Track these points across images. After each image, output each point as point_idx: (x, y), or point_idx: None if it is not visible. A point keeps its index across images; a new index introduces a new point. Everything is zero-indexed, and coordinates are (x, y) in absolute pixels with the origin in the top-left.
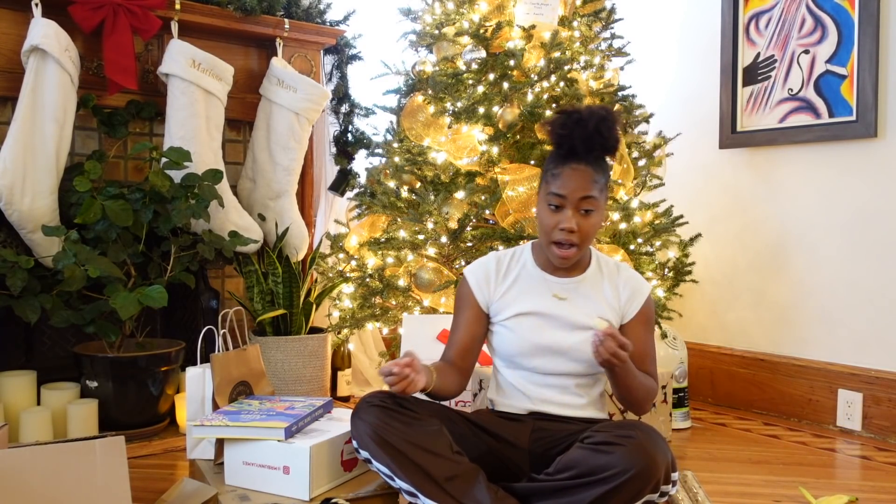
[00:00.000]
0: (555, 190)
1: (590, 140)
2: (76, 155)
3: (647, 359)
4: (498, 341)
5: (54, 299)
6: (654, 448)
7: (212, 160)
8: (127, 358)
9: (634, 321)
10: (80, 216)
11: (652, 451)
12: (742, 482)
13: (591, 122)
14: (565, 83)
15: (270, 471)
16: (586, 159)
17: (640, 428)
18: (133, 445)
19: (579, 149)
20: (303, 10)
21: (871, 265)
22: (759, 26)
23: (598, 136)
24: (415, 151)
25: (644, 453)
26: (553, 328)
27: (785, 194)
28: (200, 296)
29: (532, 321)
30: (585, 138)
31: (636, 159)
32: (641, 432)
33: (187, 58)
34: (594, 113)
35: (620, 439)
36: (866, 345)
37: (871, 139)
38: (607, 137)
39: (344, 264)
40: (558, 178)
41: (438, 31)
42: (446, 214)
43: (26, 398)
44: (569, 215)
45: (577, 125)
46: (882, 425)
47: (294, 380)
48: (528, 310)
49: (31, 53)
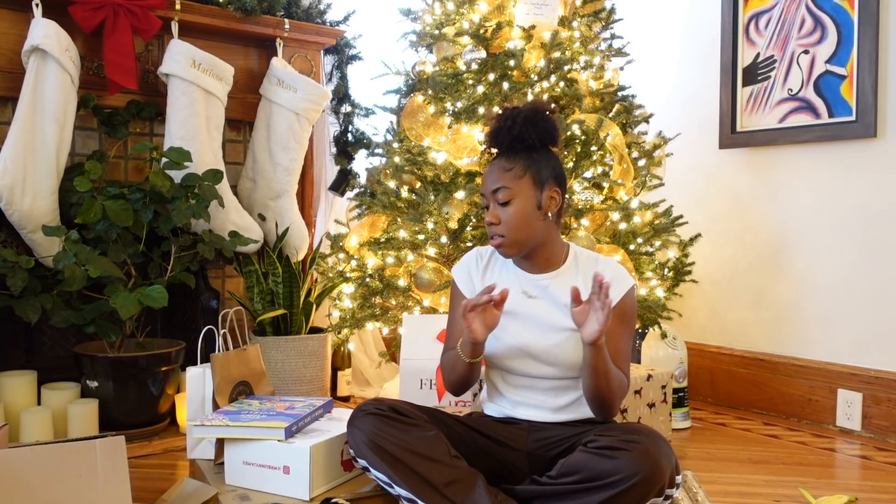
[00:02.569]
0: (480, 191)
1: (503, 137)
2: (76, 155)
3: (619, 356)
4: None
5: (55, 299)
6: (659, 453)
7: (212, 160)
8: (127, 358)
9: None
10: (81, 216)
11: (657, 456)
12: (742, 482)
13: (513, 121)
14: (565, 83)
15: (270, 471)
16: (504, 154)
17: (645, 433)
18: (133, 445)
19: (496, 147)
20: (303, 11)
21: (871, 265)
22: (759, 26)
23: (518, 132)
24: (415, 151)
25: (650, 458)
26: (524, 329)
27: (785, 194)
28: (200, 296)
29: (504, 320)
30: (507, 137)
31: (636, 159)
32: (646, 437)
33: (187, 58)
34: (518, 112)
35: (625, 444)
36: (866, 345)
37: (871, 139)
38: (529, 132)
39: (344, 264)
40: (482, 180)
41: (438, 32)
42: (446, 214)
43: (27, 398)
44: (490, 210)
45: (501, 128)
46: (882, 425)
47: (294, 380)
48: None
49: (31, 53)
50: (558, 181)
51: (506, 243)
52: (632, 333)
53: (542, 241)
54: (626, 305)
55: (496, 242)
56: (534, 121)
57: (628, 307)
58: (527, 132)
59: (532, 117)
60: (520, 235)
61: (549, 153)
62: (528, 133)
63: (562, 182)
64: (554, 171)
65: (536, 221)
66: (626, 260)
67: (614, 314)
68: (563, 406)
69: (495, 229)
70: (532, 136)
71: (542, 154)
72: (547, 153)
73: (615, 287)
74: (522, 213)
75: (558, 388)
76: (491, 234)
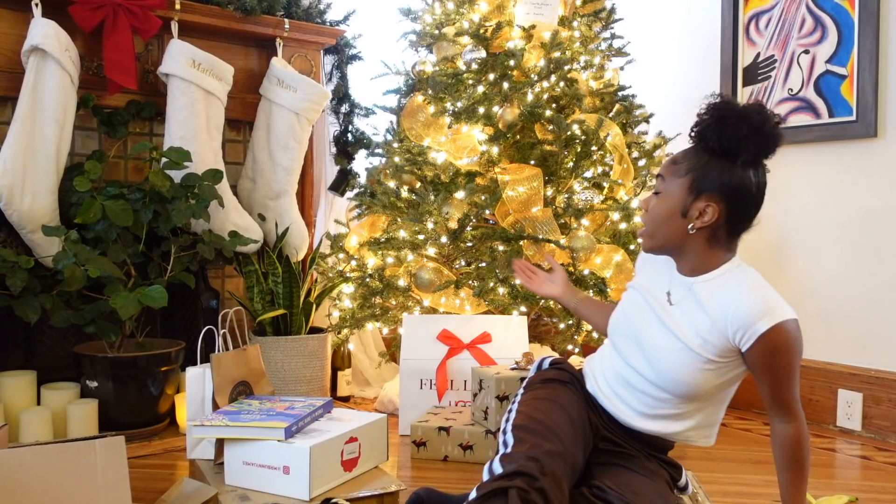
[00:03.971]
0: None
1: (699, 127)
2: (76, 155)
3: (775, 401)
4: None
5: (54, 299)
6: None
7: (212, 160)
8: (127, 358)
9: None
10: (80, 216)
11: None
12: (742, 482)
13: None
14: (565, 83)
15: (270, 471)
16: (693, 144)
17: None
18: (133, 445)
19: (695, 133)
20: (303, 10)
21: (871, 265)
22: (759, 26)
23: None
24: (415, 151)
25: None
26: (650, 316)
27: (785, 194)
28: (200, 296)
29: (639, 300)
30: (696, 128)
31: (636, 159)
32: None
33: (187, 58)
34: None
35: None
36: (866, 345)
37: (871, 139)
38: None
39: (344, 264)
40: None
41: (438, 31)
42: (446, 214)
43: (26, 398)
44: (650, 194)
45: (702, 118)
46: (882, 425)
47: (294, 380)
48: (640, 287)
49: (31, 53)
50: (725, 197)
51: (645, 233)
52: (786, 377)
53: (684, 250)
54: (765, 345)
55: (640, 231)
56: (724, 123)
57: (769, 346)
58: (710, 131)
59: (726, 118)
60: (658, 232)
61: (733, 167)
62: (711, 134)
63: (730, 199)
64: (723, 186)
65: (677, 227)
66: (626, 260)
67: (755, 355)
68: (647, 414)
69: (643, 215)
70: (713, 139)
71: (722, 163)
72: (730, 165)
73: (757, 323)
74: (663, 212)
75: (652, 396)
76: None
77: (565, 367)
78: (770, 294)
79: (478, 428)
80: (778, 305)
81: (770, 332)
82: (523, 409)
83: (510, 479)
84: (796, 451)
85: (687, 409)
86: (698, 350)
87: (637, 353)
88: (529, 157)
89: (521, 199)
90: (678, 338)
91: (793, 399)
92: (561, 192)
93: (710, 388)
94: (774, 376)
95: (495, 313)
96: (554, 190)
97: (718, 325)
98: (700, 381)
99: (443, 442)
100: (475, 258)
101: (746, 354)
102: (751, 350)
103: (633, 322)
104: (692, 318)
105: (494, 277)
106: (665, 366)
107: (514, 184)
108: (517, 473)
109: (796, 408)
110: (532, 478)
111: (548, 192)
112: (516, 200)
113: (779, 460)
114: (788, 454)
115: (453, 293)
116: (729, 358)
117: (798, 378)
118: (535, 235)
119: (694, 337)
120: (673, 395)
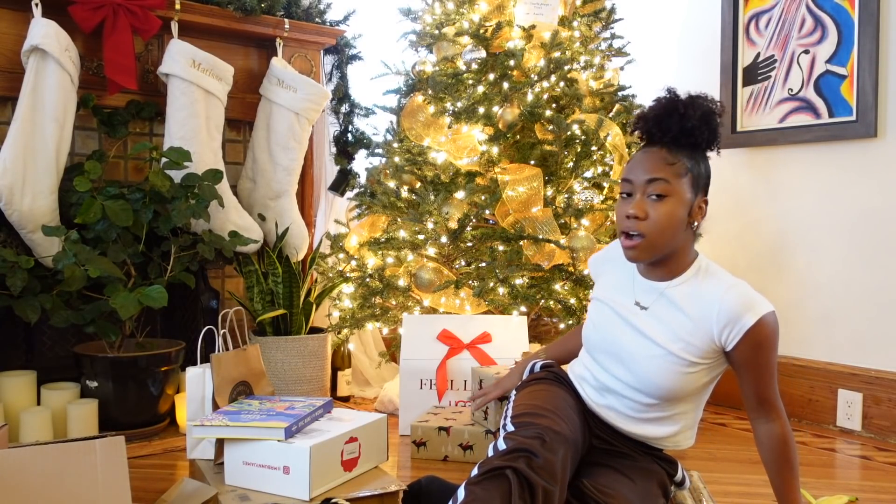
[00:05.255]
0: (623, 176)
1: (672, 125)
2: (76, 155)
3: (757, 398)
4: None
5: (54, 299)
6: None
7: (212, 160)
8: (127, 358)
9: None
10: (80, 216)
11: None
12: (742, 482)
13: (689, 112)
14: (565, 83)
15: (270, 471)
16: (663, 144)
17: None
18: (133, 445)
19: (659, 132)
20: (303, 10)
21: (871, 265)
22: (759, 26)
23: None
24: (415, 151)
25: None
26: (623, 327)
27: (785, 194)
28: (200, 296)
29: (607, 313)
30: (677, 126)
31: None
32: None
33: (187, 58)
34: (696, 104)
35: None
36: (866, 345)
37: (871, 139)
38: (703, 129)
39: (344, 264)
40: (629, 164)
41: (438, 31)
42: (446, 214)
43: (26, 398)
44: (636, 201)
45: (673, 114)
46: (882, 425)
47: (294, 380)
48: (606, 298)
49: (31, 53)
50: (706, 189)
51: (643, 245)
52: (768, 371)
53: (675, 251)
54: (751, 340)
55: (631, 243)
56: (709, 120)
57: (755, 341)
58: (700, 129)
59: (709, 115)
60: (661, 240)
61: (706, 159)
62: (702, 131)
63: (707, 191)
64: (708, 178)
65: (681, 229)
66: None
67: (741, 352)
68: (637, 418)
69: (637, 225)
70: (704, 136)
71: (702, 157)
72: (705, 158)
73: (742, 318)
74: (673, 216)
75: (639, 402)
76: (626, 230)
77: (556, 370)
78: (747, 289)
79: (478, 428)
80: (757, 299)
81: (756, 326)
82: (521, 401)
83: (512, 459)
84: (785, 450)
85: (675, 412)
86: (680, 354)
87: (617, 364)
88: (529, 157)
89: (521, 199)
90: (657, 344)
91: (775, 395)
92: (561, 192)
93: (693, 389)
94: (758, 372)
95: (495, 313)
96: (554, 190)
97: (702, 326)
98: (683, 384)
99: (443, 442)
100: (475, 258)
101: (732, 352)
102: (737, 347)
103: (606, 336)
104: (669, 321)
105: (494, 277)
106: (647, 373)
107: (514, 184)
108: (519, 450)
109: (779, 404)
110: (533, 454)
111: (548, 192)
112: (516, 200)
113: (769, 462)
114: (779, 454)
115: (453, 293)
116: (710, 359)
117: (777, 374)
118: (535, 235)
119: (674, 341)
120: (659, 399)
